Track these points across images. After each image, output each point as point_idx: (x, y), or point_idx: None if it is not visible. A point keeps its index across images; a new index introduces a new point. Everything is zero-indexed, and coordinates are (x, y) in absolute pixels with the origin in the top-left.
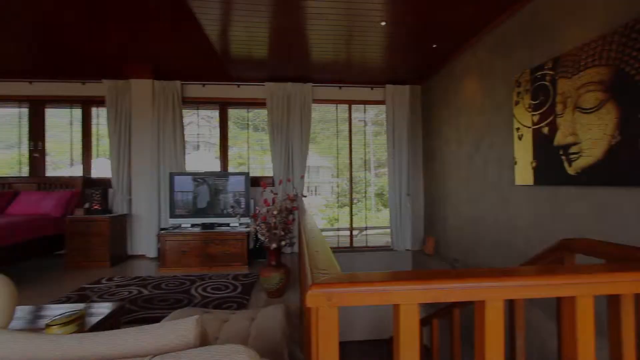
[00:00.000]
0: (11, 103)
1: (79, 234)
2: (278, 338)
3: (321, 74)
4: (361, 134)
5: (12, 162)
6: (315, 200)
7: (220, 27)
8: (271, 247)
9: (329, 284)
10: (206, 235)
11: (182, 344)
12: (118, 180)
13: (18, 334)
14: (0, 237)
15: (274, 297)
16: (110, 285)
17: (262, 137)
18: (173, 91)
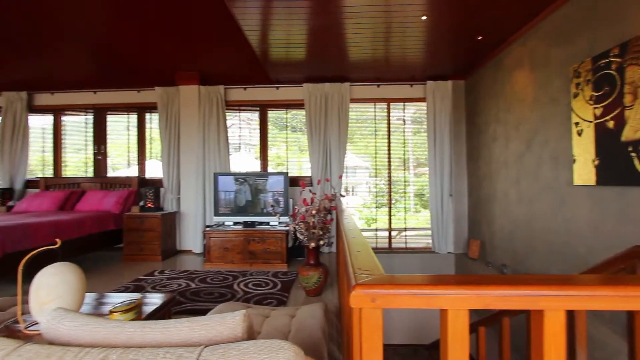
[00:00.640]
0: (79, 111)
1: (135, 229)
2: (318, 336)
3: (359, 72)
4: (400, 133)
5: (80, 164)
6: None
7: (260, 32)
8: (310, 246)
9: (373, 285)
10: (247, 233)
11: (230, 336)
12: (168, 180)
13: (90, 317)
14: (71, 232)
15: (312, 295)
16: (162, 278)
17: (300, 137)
18: (217, 95)
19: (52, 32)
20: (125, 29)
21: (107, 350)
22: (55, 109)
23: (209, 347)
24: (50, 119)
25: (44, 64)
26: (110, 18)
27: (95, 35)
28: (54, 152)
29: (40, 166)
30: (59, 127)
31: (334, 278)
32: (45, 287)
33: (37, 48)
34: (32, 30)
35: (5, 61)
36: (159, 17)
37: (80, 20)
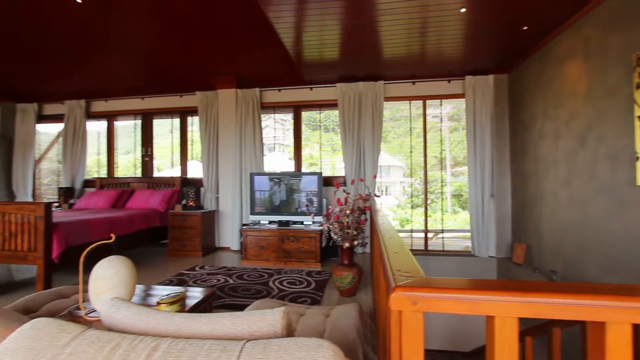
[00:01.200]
0: (128, 116)
1: (178, 226)
2: (353, 336)
3: (393, 70)
4: (436, 131)
5: (129, 165)
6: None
7: (294, 33)
8: (344, 246)
9: (414, 287)
10: (282, 232)
11: (270, 332)
12: (208, 180)
13: (142, 308)
14: (123, 228)
15: (346, 295)
16: (202, 273)
17: (333, 137)
18: (253, 98)
19: (108, 46)
20: (170, 40)
21: (159, 339)
22: (109, 114)
23: (250, 342)
24: (104, 124)
25: (100, 75)
26: (157, 31)
27: (144, 47)
28: (107, 154)
29: (96, 167)
30: (111, 131)
31: (368, 279)
32: (102, 278)
33: (94, 61)
34: (91, 45)
35: (69, 73)
36: (200, 26)
37: (132, 35)
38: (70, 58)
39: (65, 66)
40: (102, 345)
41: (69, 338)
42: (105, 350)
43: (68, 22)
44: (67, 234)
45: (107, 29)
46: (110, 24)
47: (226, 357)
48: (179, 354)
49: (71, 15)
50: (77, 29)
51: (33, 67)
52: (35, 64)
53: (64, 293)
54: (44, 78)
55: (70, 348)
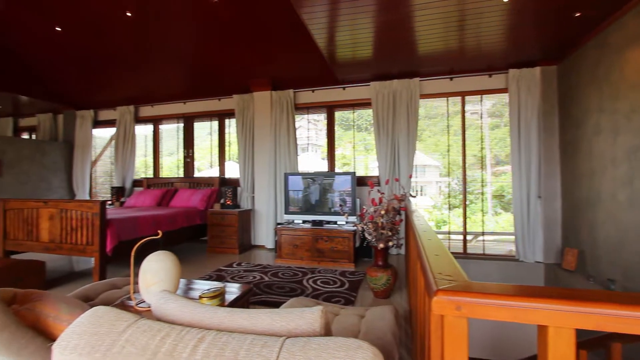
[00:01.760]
0: (172, 120)
1: (217, 224)
2: (388, 339)
3: (429, 66)
4: (475, 128)
5: (172, 166)
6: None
7: (327, 34)
8: (378, 247)
9: (457, 291)
10: (315, 231)
11: (309, 330)
12: (244, 180)
13: (188, 301)
14: (167, 224)
15: (381, 297)
16: (239, 270)
17: (366, 137)
18: (287, 99)
19: (154, 55)
20: (210, 47)
21: (204, 331)
22: (155, 119)
23: (290, 339)
24: (151, 127)
25: (147, 82)
26: (198, 39)
27: (186, 54)
28: (153, 155)
29: (143, 168)
30: (157, 134)
31: (403, 281)
32: (150, 271)
33: (142, 69)
34: (139, 55)
35: (120, 82)
36: (238, 33)
37: (175, 44)
38: (121, 68)
39: (117, 75)
40: (153, 334)
41: (125, 326)
42: (156, 339)
43: (119, 34)
44: (119, 229)
45: (153, 40)
46: (156, 34)
47: (267, 352)
48: (223, 347)
49: (122, 27)
50: (127, 40)
51: (90, 78)
52: (92, 74)
53: (116, 284)
54: (99, 87)
55: (127, 335)
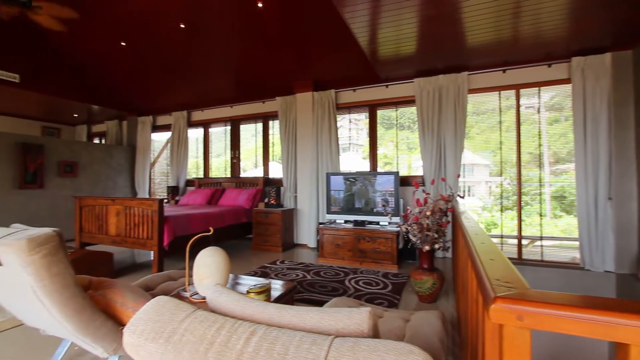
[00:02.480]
0: (220, 123)
1: (261, 223)
2: (436, 345)
3: (479, 59)
4: (531, 123)
5: (220, 166)
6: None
7: (369, 31)
8: (423, 249)
9: (519, 300)
10: (357, 231)
11: (357, 330)
12: (287, 180)
13: (240, 295)
14: (216, 222)
15: (426, 301)
16: (282, 267)
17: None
18: (328, 99)
19: (204, 63)
20: (254, 52)
21: (255, 325)
22: (205, 122)
23: (338, 338)
24: (201, 131)
25: (198, 88)
26: (243, 45)
27: (233, 61)
28: (203, 157)
29: (195, 168)
30: (207, 137)
31: (450, 286)
32: (203, 266)
33: (194, 77)
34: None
35: (175, 89)
36: (280, 36)
37: (223, 51)
38: (176, 76)
39: (172, 83)
40: (209, 324)
41: (184, 315)
42: (212, 330)
43: (174, 45)
44: (174, 226)
45: (203, 48)
46: (206, 43)
47: (316, 349)
48: (273, 341)
49: (176, 39)
50: (180, 50)
51: (149, 86)
52: (150, 83)
53: (173, 276)
54: (156, 95)
55: (186, 324)
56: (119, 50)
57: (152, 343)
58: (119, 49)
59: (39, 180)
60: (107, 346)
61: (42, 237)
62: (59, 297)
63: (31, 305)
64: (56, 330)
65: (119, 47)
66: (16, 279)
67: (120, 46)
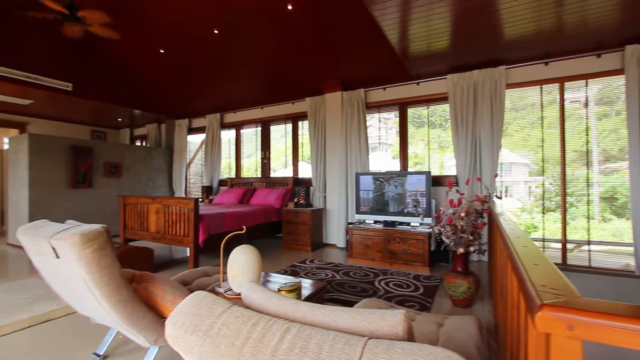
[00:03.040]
0: (251, 124)
1: (291, 222)
2: (471, 352)
3: (518, 52)
4: (577, 119)
5: (251, 167)
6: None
7: (400, 28)
8: (458, 251)
9: (569, 308)
10: (387, 232)
11: (391, 333)
12: (316, 180)
13: (273, 292)
14: (247, 221)
15: (460, 306)
16: (312, 266)
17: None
18: (358, 99)
19: (236, 67)
20: (284, 54)
21: (289, 323)
22: (237, 124)
23: (372, 340)
24: (233, 132)
25: (230, 91)
26: (274, 48)
27: (264, 63)
28: (235, 157)
29: (227, 169)
30: (239, 138)
31: (485, 290)
32: (237, 263)
33: (227, 80)
34: (224, 68)
35: (210, 93)
36: (309, 37)
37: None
38: (210, 80)
39: (206, 87)
40: (245, 320)
41: (221, 310)
42: (247, 325)
43: (208, 51)
44: (209, 224)
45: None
46: (238, 47)
47: (350, 350)
48: (307, 339)
49: (211, 44)
50: (214, 55)
51: (185, 91)
52: (186, 88)
53: (208, 272)
54: (192, 98)
55: (223, 319)
56: (158, 58)
57: (192, 335)
58: (159, 56)
59: (88, 180)
60: (149, 336)
61: (93, 233)
62: (107, 288)
63: (83, 295)
64: (104, 319)
65: (158, 54)
66: (70, 271)
67: (159, 53)
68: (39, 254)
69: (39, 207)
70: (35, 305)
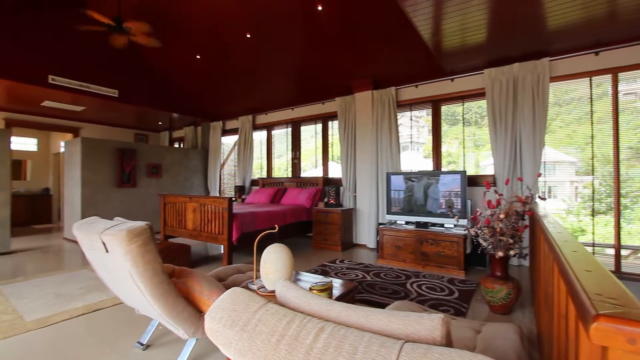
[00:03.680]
0: (282, 125)
1: (321, 222)
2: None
3: (564, 42)
4: (632, 113)
5: (282, 167)
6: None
7: (433, 23)
8: (496, 255)
9: (631, 320)
10: (420, 233)
11: (429, 337)
12: (346, 180)
13: (306, 291)
14: (278, 220)
15: (499, 312)
16: (342, 266)
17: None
18: (389, 97)
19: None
20: (313, 55)
21: (323, 322)
22: (268, 125)
23: (409, 343)
24: (265, 133)
25: (262, 94)
26: (303, 49)
27: (294, 65)
28: (266, 158)
29: (259, 169)
30: (270, 139)
31: (526, 297)
32: (269, 261)
33: (258, 83)
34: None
35: (243, 95)
36: (339, 37)
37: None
38: (242, 83)
39: (239, 90)
40: (280, 318)
41: (257, 307)
42: (283, 323)
43: (241, 55)
44: (242, 223)
45: (266, 55)
46: (269, 50)
47: (385, 352)
48: (342, 339)
49: (243, 48)
50: (246, 59)
51: (219, 94)
52: (220, 91)
53: (241, 269)
54: (226, 101)
55: (258, 315)
56: (195, 63)
57: (229, 330)
58: (195, 62)
59: (132, 179)
60: (187, 329)
61: (138, 230)
62: (150, 282)
63: (129, 287)
64: (147, 311)
65: (195, 60)
66: (118, 264)
67: (196, 59)
68: (91, 248)
69: (90, 204)
70: (87, 295)
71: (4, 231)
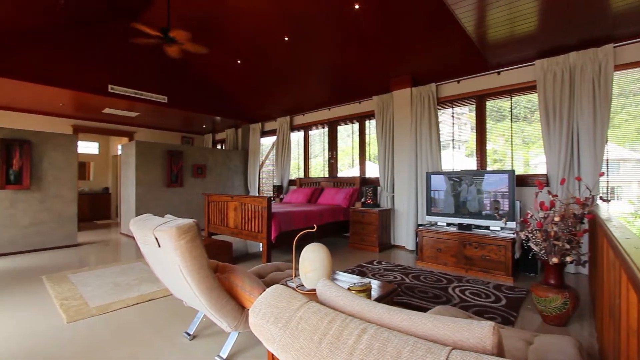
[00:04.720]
0: (319, 125)
1: (358, 222)
2: None
3: (630, 25)
4: None
5: (318, 167)
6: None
7: (477, 13)
8: (550, 261)
9: None
10: (462, 236)
11: (478, 346)
12: (384, 179)
13: (346, 291)
14: (316, 219)
15: (553, 323)
16: (379, 268)
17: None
18: (428, 94)
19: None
20: (350, 54)
21: (365, 324)
22: (305, 126)
23: (456, 351)
24: (302, 134)
25: (299, 95)
26: (340, 49)
27: (330, 65)
28: (304, 158)
29: (296, 169)
30: (307, 139)
31: (585, 308)
32: (308, 260)
33: (296, 84)
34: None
35: (281, 97)
36: (376, 34)
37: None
38: (280, 85)
39: (277, 92)
40: (321, 316)
41: (299, 305)
42: (324, 321)
43: (279, 57)
44: (280, 221)
45: (303, 57)
46: (306, 51)
47: (432, 358)
48: (385, 342)
49: (281, 51)
50: (284, 61)
51: (258, 96)
52: (259, 93)
53: (280, 267)
54: (265, 103)
55: (300, 313)
56: (236, 68)
57: (273, 326)
58: (236, 66)
59: (179, 180)
60: (230, 322)
61: (187, 226)
62: (197, 276)
63: (178, 280)
64: (194, 303)
65: (236, 65)
66: (168, 258)
67: (237, 64)
68: (145, 243)
69: (143, 203)
70: (141, 285)
71: (72, 226)
